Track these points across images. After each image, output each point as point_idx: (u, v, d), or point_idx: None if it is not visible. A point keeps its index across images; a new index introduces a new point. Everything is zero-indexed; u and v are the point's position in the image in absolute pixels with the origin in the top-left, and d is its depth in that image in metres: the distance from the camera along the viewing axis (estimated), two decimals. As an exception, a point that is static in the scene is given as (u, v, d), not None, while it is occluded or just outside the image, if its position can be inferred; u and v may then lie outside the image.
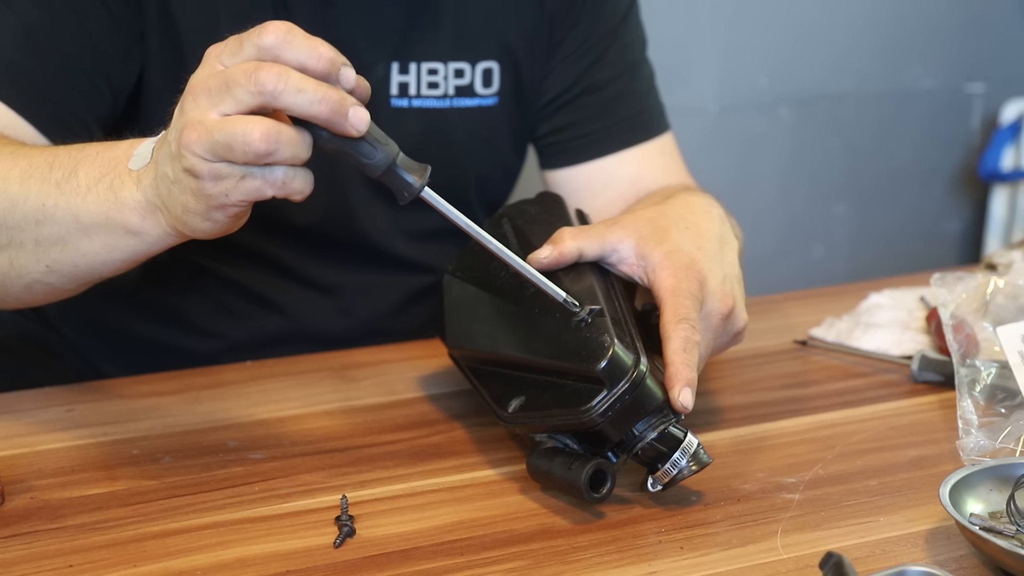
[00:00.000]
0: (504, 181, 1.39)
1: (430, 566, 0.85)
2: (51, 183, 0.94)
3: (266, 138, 0.80)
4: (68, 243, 0.94)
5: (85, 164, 0.93)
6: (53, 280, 0.98)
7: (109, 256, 0.94)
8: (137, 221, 0.90)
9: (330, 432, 1.06)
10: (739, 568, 0.84)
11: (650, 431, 0.90)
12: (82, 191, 0.92)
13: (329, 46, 0.83)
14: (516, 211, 1.12)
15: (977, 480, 0.88)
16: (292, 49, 0.81)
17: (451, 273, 1.09)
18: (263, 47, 0.81)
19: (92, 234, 0.93)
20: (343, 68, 0.83)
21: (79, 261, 0.95)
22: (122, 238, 0.92)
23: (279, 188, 0.83)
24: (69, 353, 1.37)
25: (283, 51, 0.81)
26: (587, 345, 0.90)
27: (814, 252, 2.61)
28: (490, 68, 1.29)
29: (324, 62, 0.82)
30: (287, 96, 0.80)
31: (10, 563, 0.84)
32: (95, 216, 0.91)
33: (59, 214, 0.93)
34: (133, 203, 0.90)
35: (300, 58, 0.81)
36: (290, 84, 0.80)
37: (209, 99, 0.82)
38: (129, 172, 0.90)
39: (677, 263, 0.97)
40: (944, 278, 1.16)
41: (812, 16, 2.46)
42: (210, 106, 0.81)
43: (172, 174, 0.85)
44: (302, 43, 0.82)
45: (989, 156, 2.58)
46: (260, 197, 0.84)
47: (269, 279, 1.30)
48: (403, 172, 0.86)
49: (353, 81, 0.84)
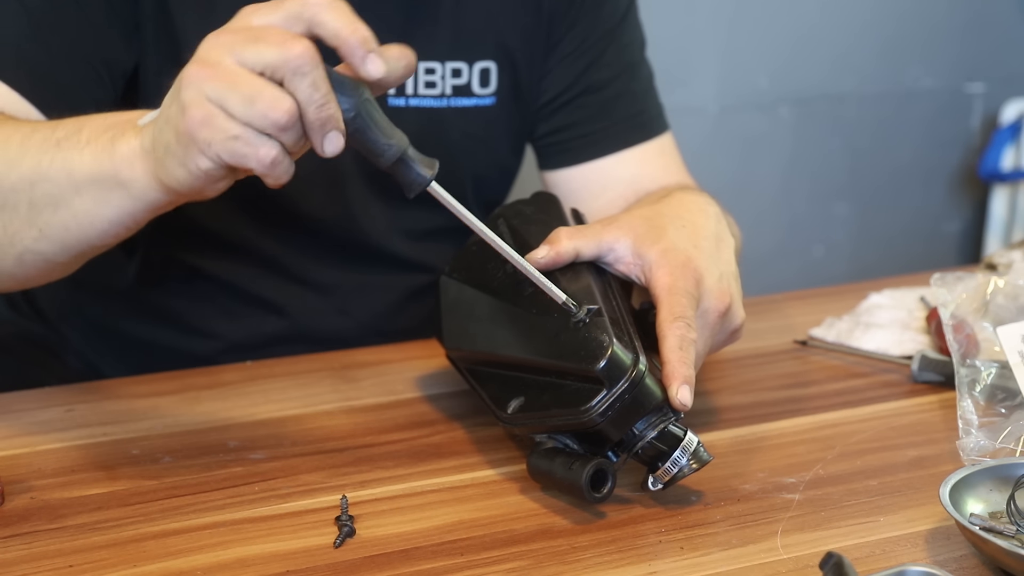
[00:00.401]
0: (501, 181, 1.39)
1: (430, 566, 0.85)
2: (52, 142, 0.93)
3: (290, 114, 0.80)
4: (60, 203, 0.93)
5: (92, 123, 0.93)
6: (44, 248, 0.96)
7: (98, 214, 0.92)
8: (127, 171, 0.89)
9: (330, 432, 1.06)
10: (739, 568, 0.84)
11: (650, 430, 0.90)
12: (81, 145, 0.91)
13: (367, 28, 0.83)
14: (512, 211, 1.12)
15: (977, 480, 0.88)
16: (334, 14, 0.82)
17: (448, 274, 1.09)
18: (308, 3, 0.81)
19: (83, 190, 0.91)
20: (370, 55, 0.83)
21: (70, 223, 0.94)
22: (111, 191, 0.90)
23: (263, 166, 0.82)
24: (69, 353, 1.37)
25: (324, 13, 0.82)
26: (586, 345, 0.90)
27: (814, 252, 2.61)
28: (488, 68, 1.29)
29: (357, 38, 0.82)
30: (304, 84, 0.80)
31: (10, 563, 0.84)
32: (88, 168, 0.90)
33: (54, 171, 0.92)
34: (128, 152, 0.89)
35: (337, 26, 0.82)
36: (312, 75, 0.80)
37: (234, 44, 0.81)
38: (135, 126, 0.89)
39: (673, 261, 0.97)
40: (944, 278, 1.16)
41: (812, 16, 2.46)
42: (231, 50, 0.81)
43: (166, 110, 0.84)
44: (345, 13, 0.82)
45: (989, 156, 2.58)
46: (239, 164, 0.83)
47: (267, 279, 1.30)
48: (412, 165, 0.86)
49: (375, 72, 0.83)
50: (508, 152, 1.36)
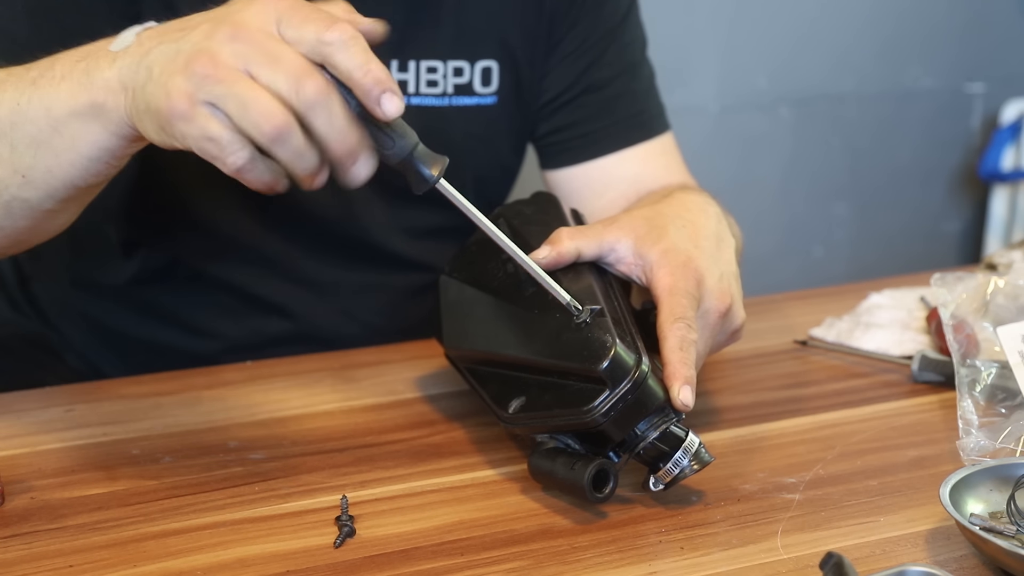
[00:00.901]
0: (503, 180, 1.39)
1: (430, 566, 0.85)
2: (27, 81, 0.92)
3: (282, 128, 0.79)
4: (41, 143, 0.91)
5: (65, 56, 0.91)
6: (30, 195, 0.95)
7: (78, 151, 0.91)
8: (102, 98, 0.87)
9: (330, 432, 1.06)
10: (739, 568, 0.84)
11: (652, 431, 0.90)
12: (56, 80, 0.90)
13: (382, 67, 0.82)
14: (512, 211, 1.12)
15: (977, 480, 0.88)
16: (347, 54, 0.80)
17: (448, 274, 1.09)
18: (323, 40, 0.80)
19: (62, 126, 0.90)
20: (387, 93, 0.81)
21: (52, 164, 0.92)
22: (89, 123, 0.89)
23: (232, 170, 0.82)
24: (69, 353, 1.37)
25: (338, 52, 0.80)
26: (588, 345, 0.90)
27: (814, 252, 2.61)
28: (489, 67, 1.29)
29: (370, 79, 0.81)
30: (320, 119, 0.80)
31: (10, 563, 0.84)
32: (65, 102, 0.89)
33: (32, 110, 0.91)
34: (103, 80, 0.87)
35: (351, 66, 0.81)
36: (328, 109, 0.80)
37: (248, 52, 0.80)
38: (108, 54, 0.88)
39: (674, 261, 0.97)
40: (944, 278, 1.16)
41: (812, 16, 2.46)
42: (242, 57, 0.80)
43: (158, 76, 0.82)
44: (359, 53, 0.81)
45: (989, 156, 2.58)
46: (209, 160, 0.82)
47: (268, 279, 1.30)
48: (421, 163, 0.86)
49: (393, 111, 0.82)
50: (509, 151, 1.36)
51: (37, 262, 1.38)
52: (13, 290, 1.41)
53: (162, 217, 1.28)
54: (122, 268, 1.31)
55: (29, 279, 1.40)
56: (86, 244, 1.31)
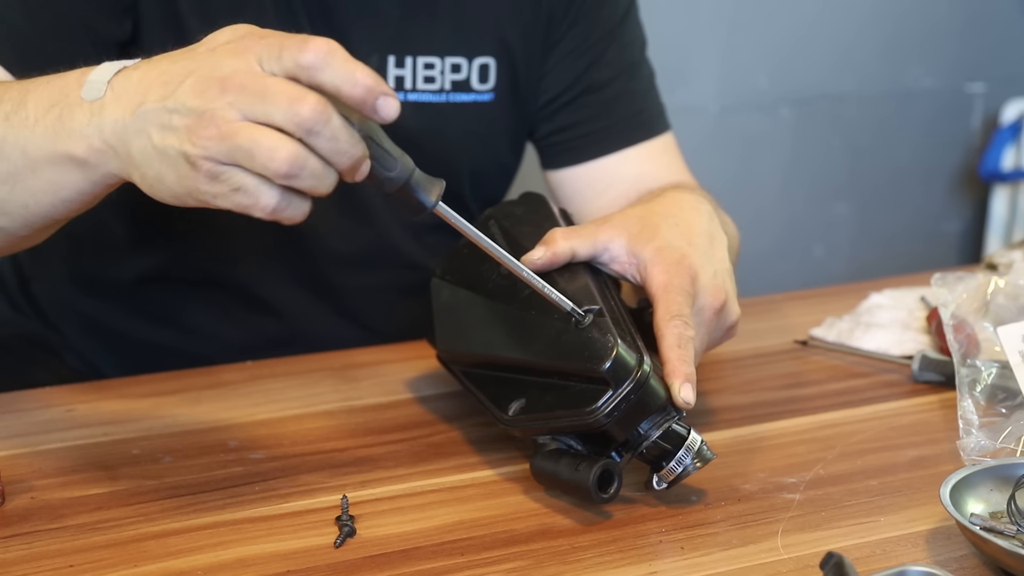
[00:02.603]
0: (500, 178, 1.39)
1: (430, 566, 0.85)
2: (0, 117, 0.90)
3: (291, 161, 0.78)
4: (17, 181, 0.90)
5: (34, 94, 0.89)
6: (5, 224, 0.93)
7: (56, 196, 0.89)
8: (83, 153, 0.85)
9: (330, 432, 1.06)
10: (740, 568, 0.84)
11: (654, 430, 0.90)
12: (30, 123, 0.88)
13: (368, 72, 0.79)
14: (502, 213, 1.12)
15: (978, 480, 0.88)
16: (330, 72, 0.78)
17: (439, 277, 1.09)
18: (301, 65, 0.78)
19: (39, 169, 0.88)
20: (382, 97, 0.80)
21: (28, 202, 0.91)
22: (68, 173, 0.87)
23: (267, 213, 0.81)
24: (69, 353, 1.37)
25: (320, 72, 0.78)
26: (590, 346, 0.90)
27: (814, 252, 2.61)
28: (487, 64, 1.29)
29: (360, 89, 0.79)
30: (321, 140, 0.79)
31: (10, 563, 0.84)
32: (42, 148, 0.87)
33: (7, 149, 0.89)
34: (81, 135, 0.85)
35: (336, 82, 0.79)
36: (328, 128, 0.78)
37: (240, 99, 0.78)
38: (80, 102, 0.85)
39: (668, 259, 0.97)
40: (944, 278, 1.16)
41: (812, 16, 2.46)
42: (237, 107, 0.78)
43: (160, 144, 0.81)
44: (340, 67, 0.79)
45: (989, 156, 2.58)
46: (244, 212, 0.81)
47: (267, 279, 1.30)
48: (418, 189, 0.85)
49: (394, 113, 0.80)
50: (507, 149, 1.36)
51: (37, 262, 1.38)
52: (13, 290, 1.41)
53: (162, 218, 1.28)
54: (122, 268, 1.31)
55: (29, 279, 1.40)
56: (86, 244, 1.32)
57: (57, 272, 1.36)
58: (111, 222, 1.28)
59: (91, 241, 1.30)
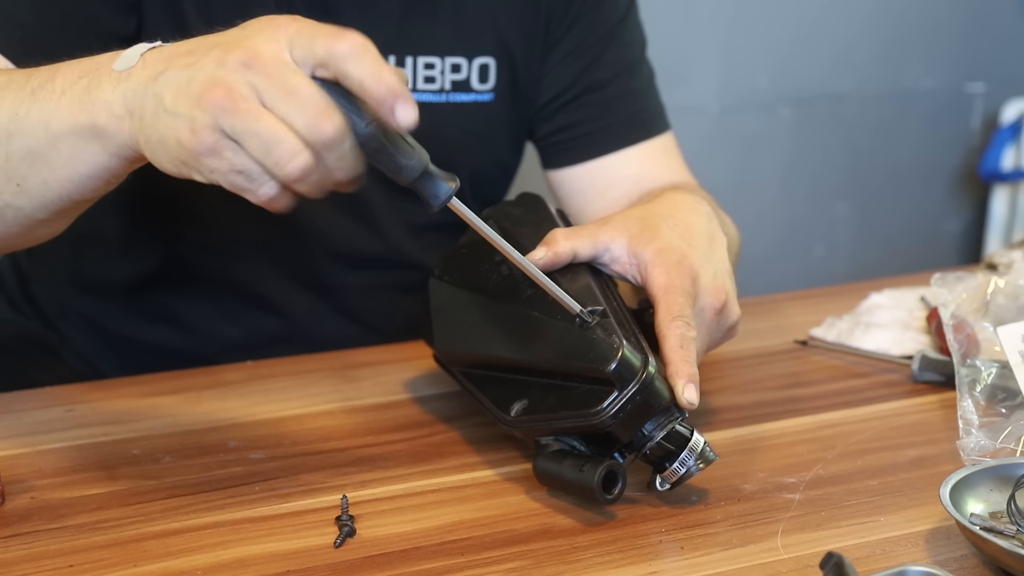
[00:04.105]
0: (500, 178, 1.39)
1: (430, 566, 0.85)
2: (27, 91, 0.90)
3: (303, 170, 0.79)
4: (37, 156, 0.90)
5: (65, 69, 0.90)
6: (24, 204, 0.93)
7: (75, 169, 0.89)
8: (104, 120, 0.86)
9: (330, 432, 1.06)
10: (740, 568, 0.84)
11: (658, 431, 0.90)
12: (56, 94, 0.88)
13: (396, 75, 0.81)
14: (501, 213, 1.12)
15: (977, 480, 0.88)
16: (359, 65, 0.80)
17: (438, 277, 1.09)
18: (334, 53, 0.79)
19: (59, 143, 0.88)
20: (401, 102, 0.80)
21: (48, 177, 0.91)
22: (87, 144, 0.87)
23: (261, 201, 0.81)
24: (69, 353, 1.37)
25: (350, 64, 0.79)
26: (594, 346, 0.90)
27: (814, 252, 2.61)
28: (487, 64, 1.29)
29: (383, 88, 0.80)
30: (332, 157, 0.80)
31: (10, 563, 0.84)
32: (65, 120, 0.87)
33: (30, 123, 0.89)
34: (104, 102, 0.85)
35: (363, 76, 0.80)
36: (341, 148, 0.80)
37: (262, 84, 0.79)
38: (111, 72, 0.86)
39: (669, 260, 0.98)
40: (944, 278, 1.16)
41: (812, 16, 2.46)
42: (257, 89, 0.79)
43: (172, 106, 0.81)
44: (371, 63, 0.80)
45: (989, 156, 2.58)
46: (235, 192, 0.82)
47: (266, 277, 1.30)
48: (434, 179, 0.85)
49: (410, 120, 0.81)
50: (506, 149, 1.36)
51: (36, 262, 1.38)
52: (13, 290, 1.41)
53: (161, 216, 1.28)
54: (122, 268, 1.31)
55: (28, 279, 1.40)
56: (86, 244, 1.32)
57: (56, 272, 1.36)
58: (110, 221, 1.29)
59: (90, 240, 1.30)
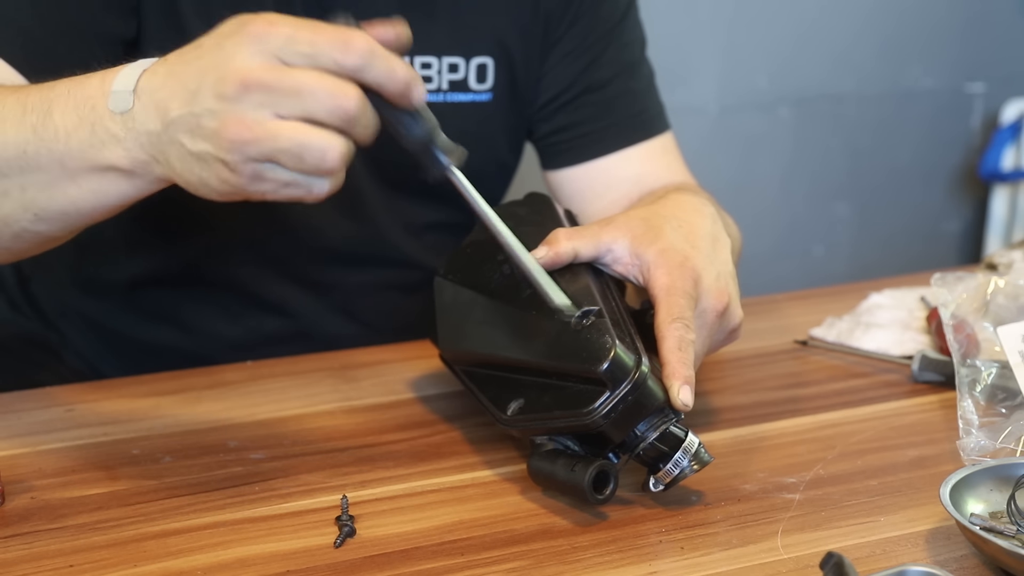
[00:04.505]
0: (499, 178, 1.39)
1: (430, 566, 0.85)
2: (27, 128, 0.90)
3: (343, 158, 0.80)
4: (56, 189, 0.90)
5: (59, 106, 0.89)
6: (43, 228, 0.94)
7: (99, 202, 0.90)
8: (128, 165, 0.86)
9: (330, 432, 1.06)
10: (739, 568, 0.84)
11: (651, 431, 0.90)
12: (62, 137, 0.88)
13: (403, 65, 0.82)
14: (506, 213, 1.11)
15: (978, 480, 0.88)
16: (373, 71, 0.81)
17: (442, 276, 1.09)
18: (345, 67, 0.80)
19: (80, 179, 0.89)
20: (412, 88, 0.83)
21: (68, 208, 0.91)
22: (113, 182, 0.88)
23: (316, 199, 0.83)
24: (69, 353, 1.37)
25: (365, 73, 0.81)
26: (588, 346, 0.90)
27: (814, 252, 2.61)
28: (484, 63, 1.29)
29: (400, 84, 0.82)
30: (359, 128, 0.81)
31: (10, 563, 0.84)
32: (81, 160, 0.88)
33: (43, 161, 0.89)
34: (123, 150, 0.86)
35: (380, 80, 0.81)
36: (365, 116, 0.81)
37: (269, 99, 0.79)
38: (111, 115, 0.86)
39: (671, 261, 0.97)
40: (944, 278, 1.16)
41: (812, 16, 2.46)
42: (267, 106, 0.79)
43: (195, 150, 0.81)
44: (383, 65, 0.81)
45: (989, 156, 2.58)
46: (297, 201, 0.83)
47: (266, 277, 1.30)
48: (438, 148, 0.86)
49: (420, 98, 0.84)
50: (505, 149, 1.36)
51: (37, 262, 1.38)
52: (13, 290, 1.41)
53: (161, 217, 1.28)
54: (122, 268, 1.31)
55: (29, 279, 1.40)
56: (86, 244, 1.31)
57: (56, 272, 1.36)
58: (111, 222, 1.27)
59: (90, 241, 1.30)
